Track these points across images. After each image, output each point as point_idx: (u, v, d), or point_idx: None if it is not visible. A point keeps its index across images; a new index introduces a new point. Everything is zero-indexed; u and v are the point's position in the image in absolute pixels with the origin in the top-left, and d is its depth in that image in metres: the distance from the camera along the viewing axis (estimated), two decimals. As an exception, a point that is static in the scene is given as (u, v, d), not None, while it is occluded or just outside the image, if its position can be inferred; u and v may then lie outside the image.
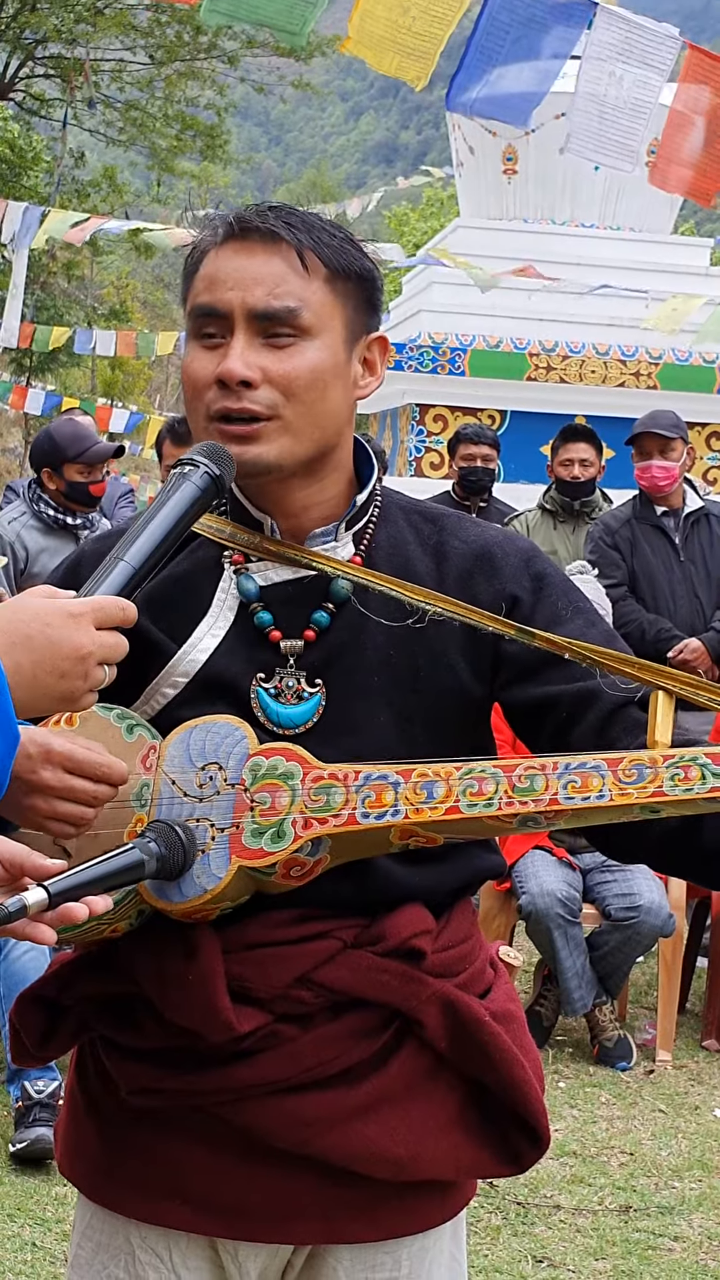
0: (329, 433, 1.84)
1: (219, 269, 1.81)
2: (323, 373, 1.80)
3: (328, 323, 1.81)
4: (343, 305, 1.83)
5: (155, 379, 38.47)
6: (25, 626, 1.53)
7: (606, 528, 6.76)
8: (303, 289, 1.79)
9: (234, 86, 32.02)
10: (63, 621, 1.54)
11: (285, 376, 1.78)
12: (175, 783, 1.73)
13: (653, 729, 1.73)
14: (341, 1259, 1.88)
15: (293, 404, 1.79)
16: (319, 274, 1.81)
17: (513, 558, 1.90)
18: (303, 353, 1.79)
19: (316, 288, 1.80)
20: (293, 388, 1.79)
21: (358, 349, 1.87)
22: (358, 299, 1.86)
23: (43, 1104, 4.35)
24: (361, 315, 1.87)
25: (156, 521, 1.68)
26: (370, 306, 1.88)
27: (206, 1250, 1.88)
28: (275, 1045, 1.78)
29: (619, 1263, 4.03)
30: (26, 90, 31.23)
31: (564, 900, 5.37)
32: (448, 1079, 1.86)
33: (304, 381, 1.79)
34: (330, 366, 1.81)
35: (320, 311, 1.80)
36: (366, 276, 1.86)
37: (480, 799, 1.67)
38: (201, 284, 1.83)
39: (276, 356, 1.79)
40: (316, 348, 1.80)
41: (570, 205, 14.34)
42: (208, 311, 1.81)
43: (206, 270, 1.83)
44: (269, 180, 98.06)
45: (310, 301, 1.79)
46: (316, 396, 1.80)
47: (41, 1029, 1.90)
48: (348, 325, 1.84)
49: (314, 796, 1.69)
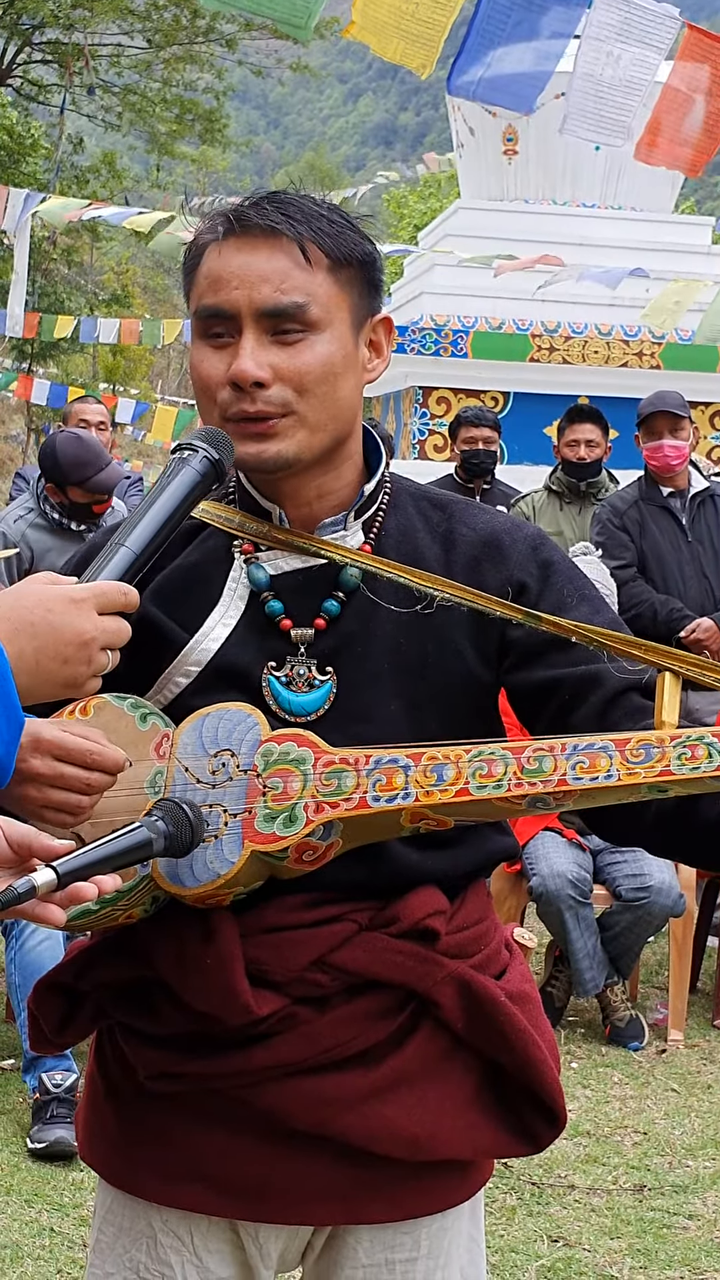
0: (343, 422, 1.84)
1: (222, 267, 1.80)
2: (334, 365, 1.81)
3: (334, 313, 1.81)
4: (347, 293, 1.83)
5: (157, 364, 38.44)
6: (27, 613, 1.53)
7: (613, 509, 6.76)
8: (308, 282, 1.79)
9: (232, 70, 31.96)
10: (64, 607, 1.55)
11: (297, 373, 1.78)
12: (188, 769, 1.74)
13: (660, 709, 1.74)
14: (361, 1239, 1.90)
15: (306, 399, 1.79)
16: (322, 265, 1.80)
17: (520, 545, 1.91)
18: (312, 347, 1.79)
19: (321, 279, 1.80)
20: (305, 383, 1.79)
21: (364, 333, 1.87)
22: (361, 283, 1.86)
23: (60, 1099, 4.36)
24: (365, 299, 1.87)
25: (157, 507, 1.69)
26: (373, 288, 1.88)
27: (227, 1233, 1.89)
28: (293, 1027, 1.80)
29: (634, 1241, 4.05)
30: (24, 76, 31.18)
31: (575, 881, 5.39)
32: (464, 1059, 1.87)
33: (316, 376, 1.79)
34: (340, 358, 1.82)
35: (327, 303, 1.80)
36: (367, 260, 1.86)
37: (489, 781, 1.68)
38: (205, 283, 1.82)
39: (287, 353, 1.79)
40: (326, 340, 1.80)
41: (571, 186, 14.31)
42: (215, 313, 1.81)
43: (208, 268, 1.82)
44: (268, 163, 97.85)
45: (316, 294, 1.79)
46: (329, 389, 1.81)
47: (59, 1015, 1.91)
48: (353, 312, 1.84)
49: (325, 781, 1.70)
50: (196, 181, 40.27)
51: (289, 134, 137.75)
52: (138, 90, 30.59)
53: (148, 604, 1.85)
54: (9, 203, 12.62)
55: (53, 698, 1.59)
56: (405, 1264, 1.91)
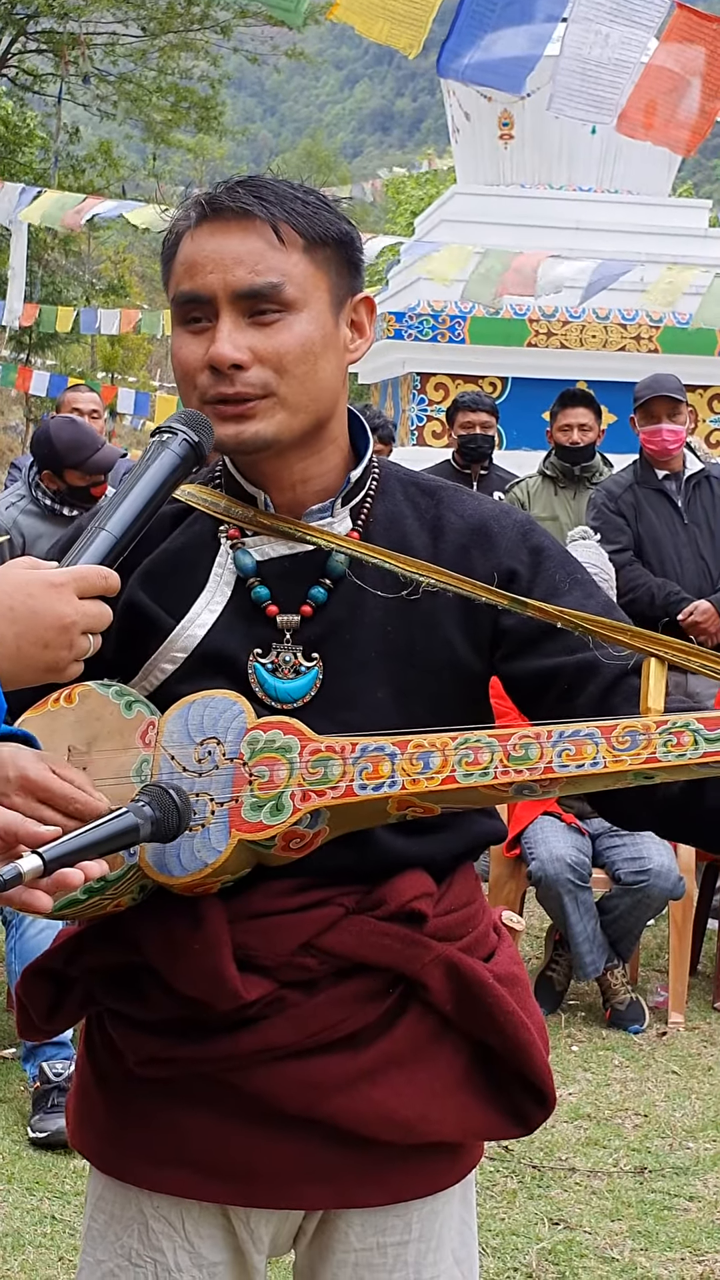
0: (324, 404, 1.84)
1: (196, 252, 1.81)
2: (312, 345, 1.80)
3: (311, 293, 1.81)
4: (324, 273, 1.83)
5: (155, 353, 38.37)
6: (7, 598, 1.53)
7: (609, 493, 6.75)
8: (282, 263, 1.79)
9: (227, 57, 31.89)
10: (44, 591, 1.55)
11: (275, 353, 1.78)
12: (174, 758, 1.75)
13: (645, 695, 1.74)
14: (352, 1223, 1.91)
15: (285, 380, 1.79)
16: (296, 245, 1.80)
17: (509, 532, 1.91)
18: (290, 327, 1.79)
19: (296, 259, 1.80)
20: (284, 363, 1.79)
21: (344, 313, 1.87)
22: (338, 263, 1.85)
23: (60, 1088, 4.37)
24: (344, 279, 1.86)
25: (136, 490, 1.70)
26: (352, 268, 1.88)
27: (219, 1218, 1.90)
28: (281, 1011, 1.80)
29: (635, 1224, 4.06)
30: (19, 66, 31.11)
31: (573, 865, 5.39)
32: (453, 1041, 1.88)
33: (294, 356, 1.79)
34: (319, 337, 1.81)
35: (303, 283, 1.80)
36: (344, 239, 1.86)
37: (476, 768, 1.68)
38: (181, 269, 1.83)
39: (264, 334, 1.79)
40: (303, 320, 1.80)
41: (567, 169, 14.28)
42: (191, 298, 1.81)
43: (184, 255, 1.83)
44: (265, 151, 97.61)
45: (292, 274, 1.79)
46: (308, 369, 1.80)
47: (48, 1002, 1.91)
48: (332, 292, 1.84)
49: (312, 769, 1.71)
50: (193, 170, 40.20)
51: (285, 121, 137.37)
52: (133, 79, 30.53)
53: (134, 589, 1.85)
54: (4, 196, 12.60)
55: (34, 683, 1.59)
56: (396, 1247, 1.92)
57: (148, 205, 12.65)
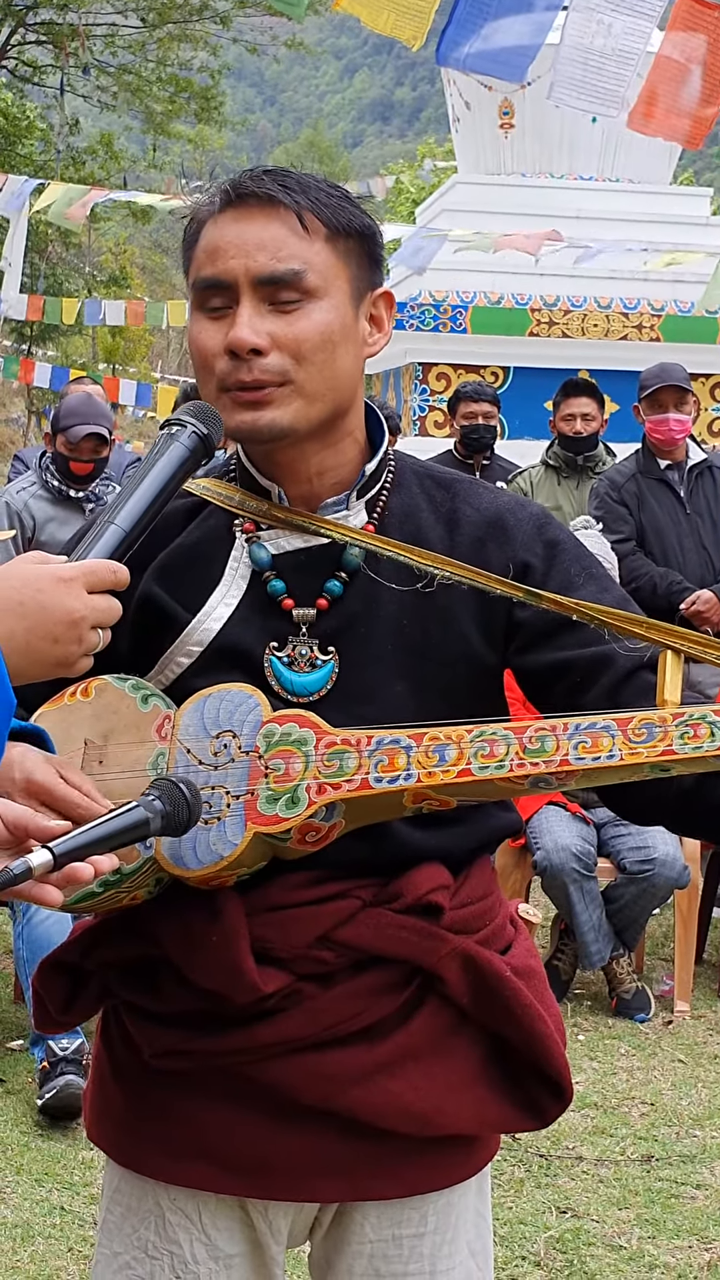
0: (341, 394, 1.84)
1: (219, 238, 1.80)
2: (331, 333, 1.80)
3: (333, 283, 1.81)
4: (345, 264, 1.83)
5: (156, 345, 38.34)
6: (16, 593, 1.53)
7: (612, 483, 6.75)
8: (305, 251, 1.78)
9: (227, 47, 31.82)
10: (54, 586, 1.54)
11: (294, 340, 1.78)
12: (190, 751, 1.75)
13: (662, 688, 1.74)
14: (368, 1216, 1.91)
15: (304, 367, 1.79)
16: (320, 234, 1.80)
17: (525, 525, 1.90)
18: (309, 315, 1.79)
19: (319, 248, 1.80)
20: (302, 350, 1.78)
21: (364, 306, 1.87)
22: (360, 256, 1.85)
23: (68, 1059, 4.39)
24: (365, 272, 1.86)
25: (146, 484, 1.69)
26: (373, 262, 1.87)
27: (236, 1210, 1.90)
28: (298, 1004, 1.80)
29: (642, 1212, 4.07)
30: (19, 58, 31.05)
31: (579, 855, 5.40)
32: (470, 1034, 1.88)
33: (313, 343, 1.79)
34: (339, 327, 1.81)
35: (324, 272, 1.80)
36: (366, 233, 1.85)
37: (491, 761, 1.68)
38: (203, 255, 1.82)
39: (284, 321, 1.78)
40: (323, 309, 1.79)
41: (568, 158, 14.26)
42: (212, 283, 1.81)
43: (206, 241, 1.82)
44: (265, 141, 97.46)
45: (314, 263, 1.79)
46: (327, 358, 1.80)
47: (64, 994, 1.92)
48: (352, 283, 1.84)
49: (327, 762, 1.71)
50: (194, 160, 40.13)
51: (285, 111, 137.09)
52: (133, 70, 30.47)
53: (150, 583, 1.85)
54: (6, 188, 12.58)
55: (44, 677, 1.58)
56: (413, 1239, 1.92)
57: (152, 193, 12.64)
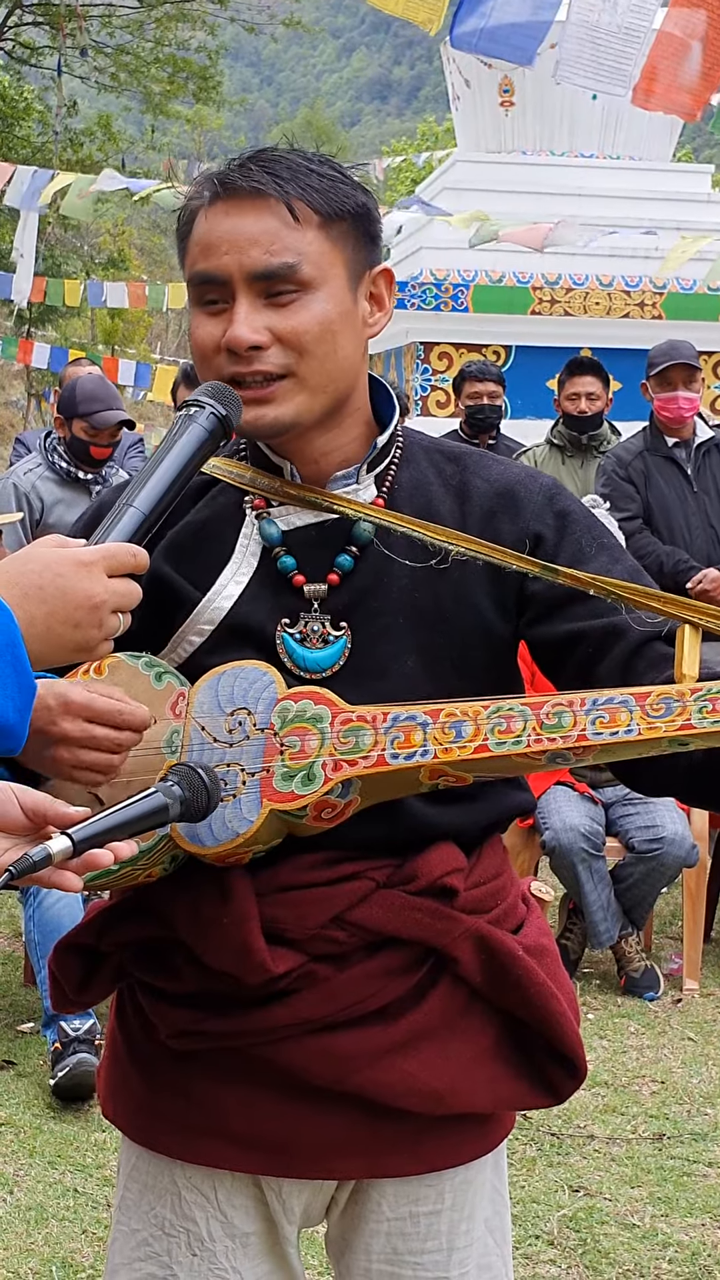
0: (345, 381, 1.83)
1: (211, 233, 1.78)
2: (331, 323, 1.78)
3: (328, 271, 1.79)
4: (341, 248, 1.80)
5: (155, 326, 38.26)
6: (36, 577, 1.52)
7: (619, 460, 6.73)
8: (298, 242, 1.76)
9: (224, 27, 31.69)
10: (74, 570, 1.53)
11: (294, 333, 1.77)
12: (205, 729, 1.74)
13: (680, 662, 1.72)
14: (385, 1193, 1.91)
15: (305, 360, 1.78)
16: (311, 223, 1.78)
17: (536, 495, 1.89)
18: (307, 306, 1.77)
19: (311, 237, 1.77)
20: (302, 343, 1.77)
21: (362, 287, 1.85)
22: (355, 237, 1.83)
23: (80, 1039, 4.40)
24: (361, 253, 1.84)
25: (165, 465, 1.68)
26: (370, 240, 1.85)
27: (251, 1188, 1.90)
28: (311, 985, 1.80)
29: (654, 1189, 4.07)
30: (15, 39, 30.93)
31: (587, 835, 5.39)
32: (483, 1013, 1.87)
33: (313, 335, 1.77)
34: (338, 315, 1.79)
35: (319, 261, 1.78)
36: (361, 212, 1.83)
37: (508, 737, 1.67)
38: (197, 250, 1.80)
39: (282, 314, 1.77)
40: (321, 299, 1.78)
41: (569, 136, 14.22)
42: (207, 279, 1.79)
43: (199, 234, 1.80)
44: (263, 121, 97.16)
45: (307, 253, 1.77)
46: (328, 349, 1.79)
47: (80, 975, 1.91)
48: (349, 267, 1.82)
49: (343, 739, 1.70)
50: (192, 141, 39.99)
51: (283, 91, 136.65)
52: (130, 50, 30.35)
53: (160, 562, 1.84)
54: (15, 179, 12.53)
55: (64, 662, 1.58)
56: (429, 1217, 1.92)
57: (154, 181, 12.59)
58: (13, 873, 1.46)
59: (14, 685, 1.46)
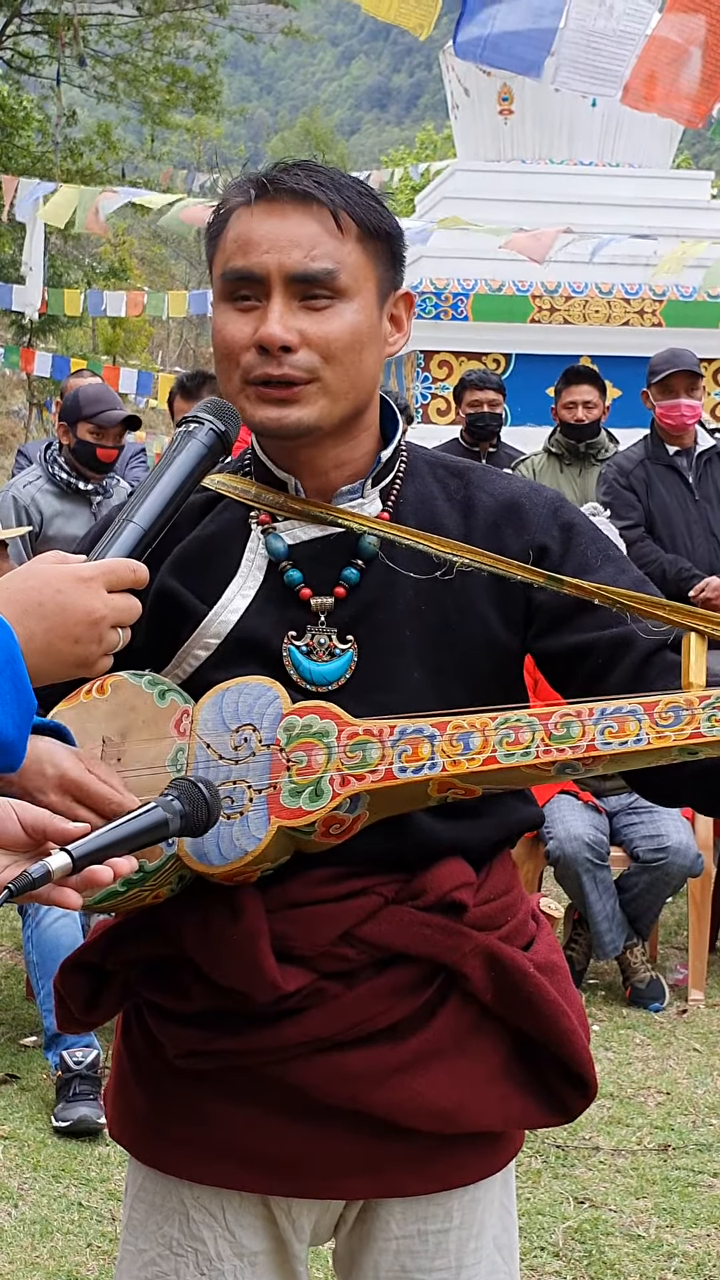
0: (364, 393, 1.83)
1: (251, 231, 1.79)
2: (360, 334, 1.80)
3: (362, 283, 1.80)
4: (374, 264, 1.82)
5: (157, 335, 38.29)
6: (36, 593, 1.51)
7: (620, 469, 6.73)
8: (338, 250, 1.78)
9: (223, 36, 31.74)
10: (73, 586, 1.53)
11: (325, 339, 1.77)
12: (210, 746, 1.73)
13: (687, 671, 1.71)
14: (394, 1212, 1.89)
15: (331, 366, 1.78)
16: (352, 234, 1.80)
17: (540, 508, 1.89)
18: (340, 315, 1.78)
19: (351, 248, 1.79)
20: (332, 350, 1.78)
21: (387, 306, 1.87)
22: (387, 257, 1.85)
23: (82, 1076, 4.37)
24: (390, 273, 1.86)
25: (164, 481, 1.68)
26: (396, 262, 1.88)
27: (259, 1208, 1.89)
28: (320, 1003, 1.79)
29: (660, 1201, 4.05)
30: (14, 49, 30.97)
31: (591, 844, 5.38)
32: (493, 1031, 1.86)
33: (343, 344, 1.78)
34: (367, 328, 1.81)
35: (356, 272, 1.79)
36: (394, 233, 1.86)
37: (517, 748, 1.66)
38: (233, 246, 1.81)
39: (314, 319, 1.78)
40: (353, 309, 1.79)
41: (568, 144, 14.23)
42: (243, 275, 1.79)
43: (237, 231, 1.81)
44: (262, 130, 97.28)
45: (346, 263, 1.78)
46: (354, 358, 1.79)
47: (86, 994, 1.90)
48: (379, 284, 1.84)
49: (350, 753, 1.69)
50: (191, 150, 40.04)
51: (282, 99, 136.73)
52: (129, 60, 30.38)
53: (166, 576, 1.84)
54: (19, 192, 12.54)
55: (64, 678, 1.57)
56: (438, 1235, 1.91)
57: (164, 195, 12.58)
58: (12, 890, 1.45)
59: (13, 702, 1.45)
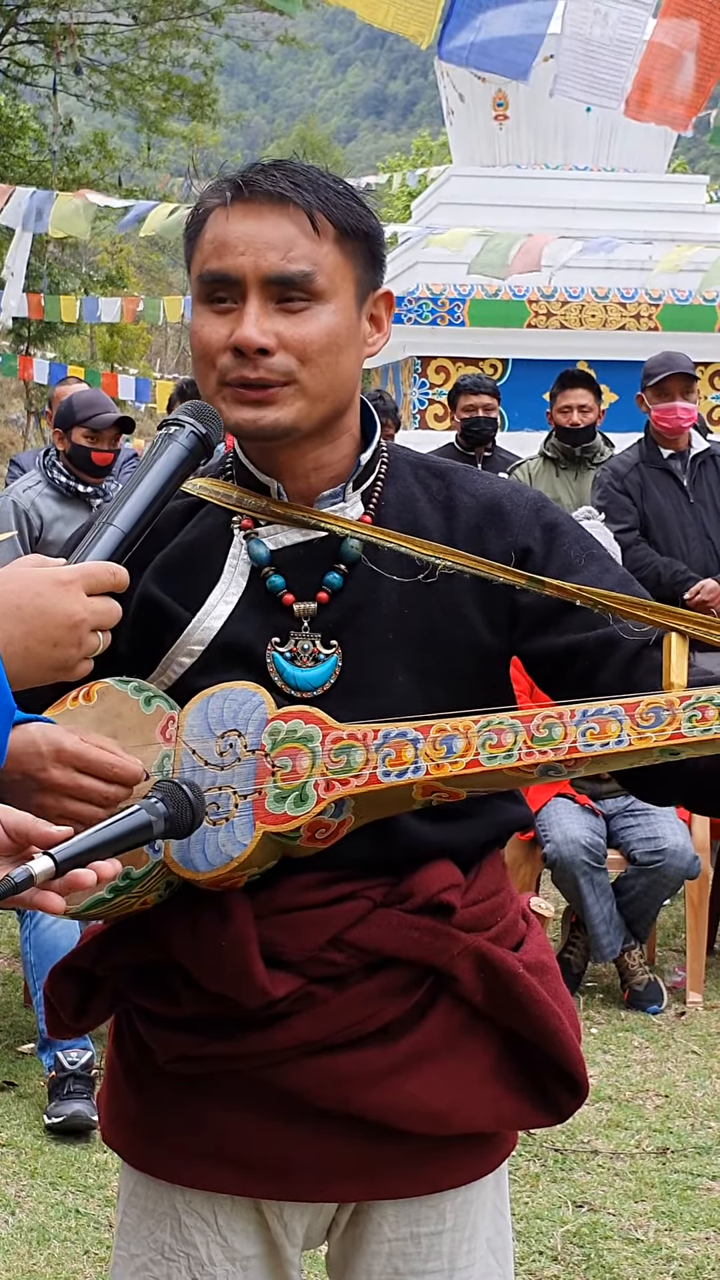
0: (343, 395, 1.83)
1: (228, 233, 1.78)
2: (337, 336, 1.79)
3: (340, 284, 1.80)
4: (352, 265, 1.82)
5: (154, 343, 38.32)
6: (15, 597, 1.51)
7: (614, 473, 6.74)
8: (315, 252, 1.77)
9: (219, 44, 31.77)
10: (52, 590, 1.53)
11: (301, 341, 1.77)
12: (196, 752, 1.73)
13: (668, 671, 1.72)
14: (386, 1214, 1.89)
15: (309, 368, 1.78)
16: (329, 235, 1.79)
17: (522, 509, 1.89)
18: (317, 317, 1.78)
19: (328, 250, 1.78)
20: (309, 352, 1.77)
21: (366, 307, 1.86)
22: (365, 257, 1.84)
23: (76, 1075, 4.38)
24: (369, 273, 1.85)
25: (144, 484, 1.68)
26: (376, 262, 1.86)
27: (251, 1212, 1.89)
28: (310, 1007, 1.79)
29: (658, 1204, 4.05)
30: (10, 58, 30.99)
31: (588, 847, 5.38)
32: (484, 1032, 1.86)
33: (320, 346, 1.78)
34: (344, 329, 1.80)
35: (333, 274, 1.79)
36: (372, 233, 1.85)
37: (500, 751, 1.67)
38: (210, 248, 1.80)
39: (291, 321, 1.77)
40: (330, 311, 1.79)
41: (563, 149, 14.24)
42: (219, 277, 1.79)
43: (213, 233, 1.80)
44: (259, 137, 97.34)
45: (323, 264, 1.78)
46: (332, 360, 1.79)
47: (76, 1001, 1.90)
48: (357, 284, 1.83)
49: (334, 758, 1.69)
50: (188, 158, 40.08)
51: (279, 107, 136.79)
52: (125, 68, 30.41)
53: (149, 583, 1.84)
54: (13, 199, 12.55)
55: (44, 681, 1.57)
56: (431, 1237, 1.91)
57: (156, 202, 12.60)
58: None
59: None
